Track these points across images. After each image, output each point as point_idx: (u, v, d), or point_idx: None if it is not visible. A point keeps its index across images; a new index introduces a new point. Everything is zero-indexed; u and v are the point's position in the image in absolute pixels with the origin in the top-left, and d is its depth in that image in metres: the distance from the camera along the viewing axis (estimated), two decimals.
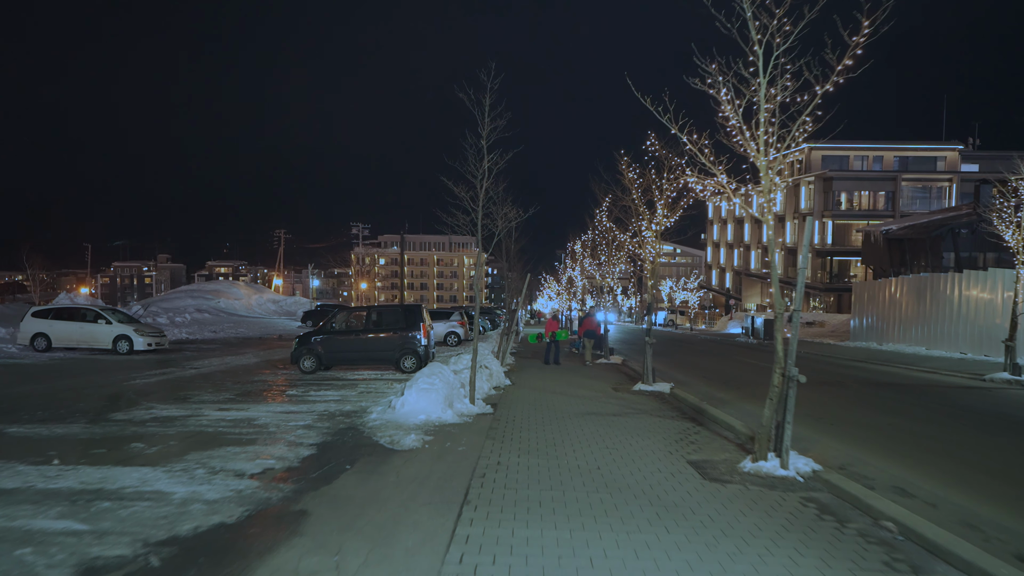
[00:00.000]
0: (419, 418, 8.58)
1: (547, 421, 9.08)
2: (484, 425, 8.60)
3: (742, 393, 13.10)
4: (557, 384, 13.65)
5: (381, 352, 15.26)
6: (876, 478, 6.53)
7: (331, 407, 9.97)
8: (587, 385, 13.67)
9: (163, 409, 9.69)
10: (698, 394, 12.58)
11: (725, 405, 11.30)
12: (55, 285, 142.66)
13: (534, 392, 12.23)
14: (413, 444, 7.24)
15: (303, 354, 15.21)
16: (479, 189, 9.60)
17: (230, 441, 7.36)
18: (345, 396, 11.28)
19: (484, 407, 9.96)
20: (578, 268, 30.29)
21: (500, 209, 10.20)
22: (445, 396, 9.02)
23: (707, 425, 9.24)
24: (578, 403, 10.94)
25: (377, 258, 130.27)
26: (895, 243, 43.32)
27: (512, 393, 12.01)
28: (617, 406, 10.74)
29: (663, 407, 10.86)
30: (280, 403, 10.41)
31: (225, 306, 53.98)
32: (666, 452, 7.31)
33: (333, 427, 8.31)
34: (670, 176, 12.87)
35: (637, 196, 13.19)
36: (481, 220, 9.69)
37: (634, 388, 13.06)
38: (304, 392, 11.81)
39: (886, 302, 29.29)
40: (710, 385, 14.49)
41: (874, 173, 57.97)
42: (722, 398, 12.37)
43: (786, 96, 6.39)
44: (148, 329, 21.17)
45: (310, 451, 6.90)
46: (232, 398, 10.97)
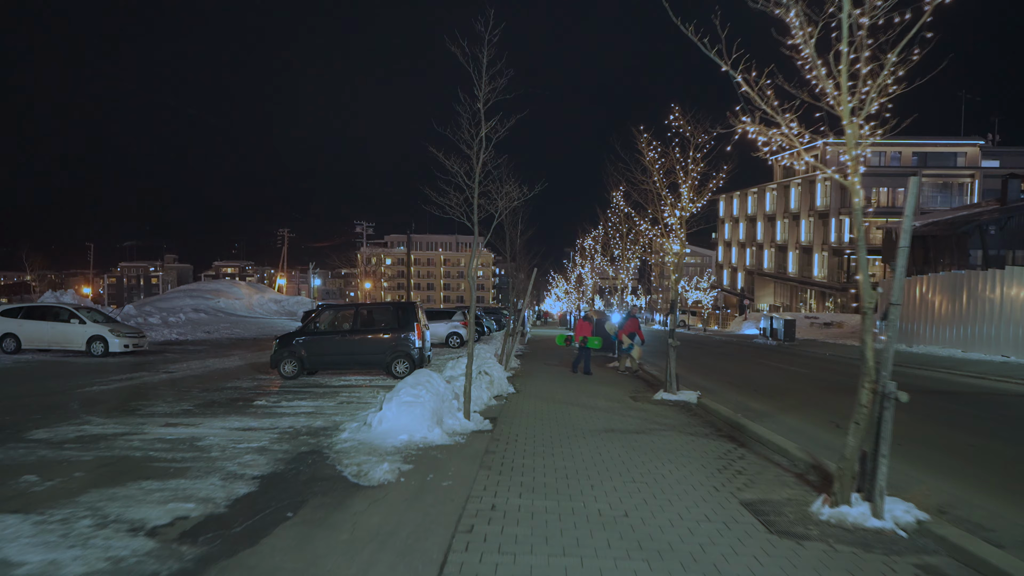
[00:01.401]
0: (399, 439, 6.99)
1: (556, 441, 7.47)
2: (479, 447, 7.00)
3: (779, 403, 11.45)
4: (567, 392, 12.04)
5: (370, 355, 13.68)
6: (997, 528, 4.89)
7: (299, 422, 8.39)
8: (601, 394, 12.04)
9: (99, 425, 8.13)
10: (728, 404, 10.95)
11: (764, 419, 9.66)
12: (64, 285, 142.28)
13: (541, 402, 10.62)
14: (385, 477, 5.64)
15: (283, 357, 13.65)
16: (475, 161, 8.00)
17: (153, 472, 5.78)
18: (320, 407, 9.70)
19: (481, 422, 8.35)
20: (588, 265, 28.66)
21: (501, 188, 8.60)
22: (433, 410, 7.43)
23: (750, 446, 7.61)
24: (592, 416, 9.33)
25: (383, 258, 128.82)
26: (918, 240, 41.46)
27: (516, 403, 10.41)
28: (639, 420, 9.11)
29: (692, 421, 9.23)
30: (241, 417, 8.83)
31: (225, 306, 52.60)
32: (710, 487, 5.69)
33: (292, 450, 6.72)
34: (696, 155, 11.25)
35: (658, 178, 11.56)
36: (477, 199, 8.09)
37: (655, 397, 11.43)
38: (276, 402, 10.23)
39: (915, 302, 27.51)
40: (739, 393, 12.85)
41: (893, 169, 56.09)
42: (757, 409, 10.73)
43: (876, 16, 4.77)
44: (125, 329, 19.67)
45: (249, 488, 5.31)
46: (189, 410, 9.41)
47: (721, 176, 11.23)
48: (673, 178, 11.60)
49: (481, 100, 7.82)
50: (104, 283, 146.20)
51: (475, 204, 8.08)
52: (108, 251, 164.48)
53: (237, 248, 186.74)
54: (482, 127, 7.90)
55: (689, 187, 11.27)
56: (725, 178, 11.22)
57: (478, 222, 8.17)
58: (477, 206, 8.12)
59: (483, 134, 7.91)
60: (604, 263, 19.10)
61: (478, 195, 8.10)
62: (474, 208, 8.09)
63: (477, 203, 8.08)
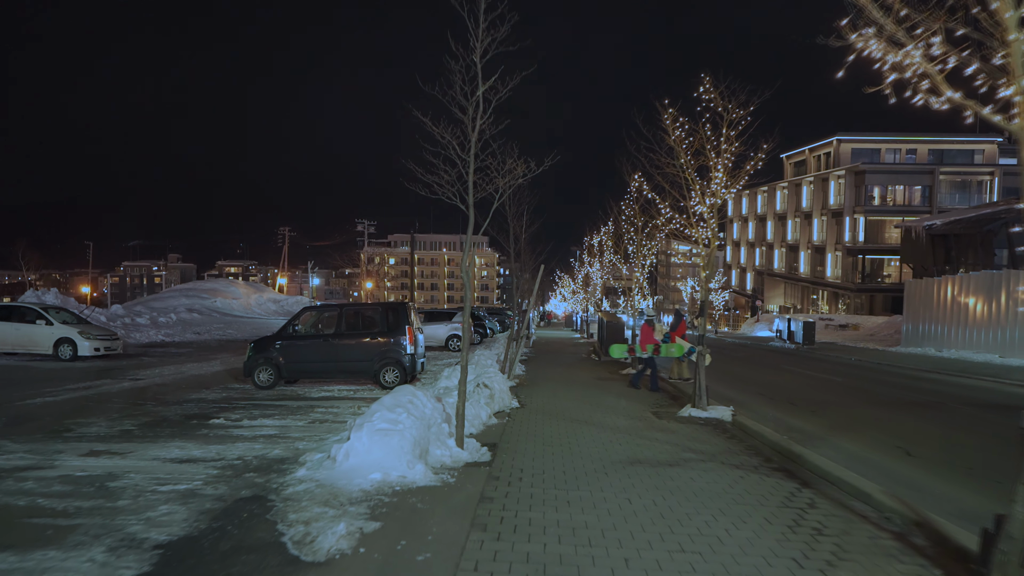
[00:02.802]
0: (370, 478, 5.42)
1: (571, 479, 5.89)
2: (472, 491, 5.42)
3: (824, 421, 9.84)
4: (579, 406, 10.45)
5: (356, 362, 12.11)
6: None
7: (253, 450, 6.82)
8: (618, 408, 10.45)
9: (6, 454, 6.59)
10: (766, 421, 9.36)
11: (815, 443, 8.07)
12: (67, 284, 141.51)
13: (549, 420, 9.04)
14: (338, 545, 4.07)
15: (258, 365, 12.09)
16: (470, 128, 6.42)
17: (22, 535, 4.22)
18: (286, 428, 8.13)
19: (478, 450, 6.78)
20: (597, 263, 27.05)
21: (503, 164, 7.00)
22: (415, 440, 5.85)
23: (816, 485, 6.01)
24: (612, 440, 7.74)
25: (387, 257, 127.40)
26: (939, 239, 39.73)
27: (520, 422, 8.83)
28: (669, 446, 7.52)
29: (733, 447, 7.63)
30: (187, 441, 7.27)
31: (221, 305, 51.18)
32: (788, 560, 4.10)
33: (228, 496, 5.16)
34: (730, 133, 9.66)
35: (685, 160, 9.96)
36: (473, 174, 6.51)
37: (682, 413, 9.84)
38: (237, 420, 8.67)
39: (945, 303, 25.84)
40: (773, 406, 11.24)
41: (909, 166, 54.27)
42: (802, 429, 9.13)
43: None
44: (96, 332, 18.15)
45: (139, 567, 3.75)
46: (128, 431, 7.85)
47: (760, 156, 9.63)
48: (703, 160, 10.01)
49: (478, 51, 6.25)
50: (107, 282, 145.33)
51: (470, 180, 6.51)
52: (113, 250, 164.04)
53: (242, 248, 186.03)
54: (479, 85, 6.33)
55: (723, 169, 9.68)
56: (764, 158, 9.63)
57: (473, 204, 6.59)
58: (472, 183, 6.54)
59: (480, 93, 6.34)
60: (617, 260, 17.46)
61: (474, 170, 6.52)
62: (469, 185, 6.51)
63: (472, 179, 6.50)
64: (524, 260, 16.21)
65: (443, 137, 6.59)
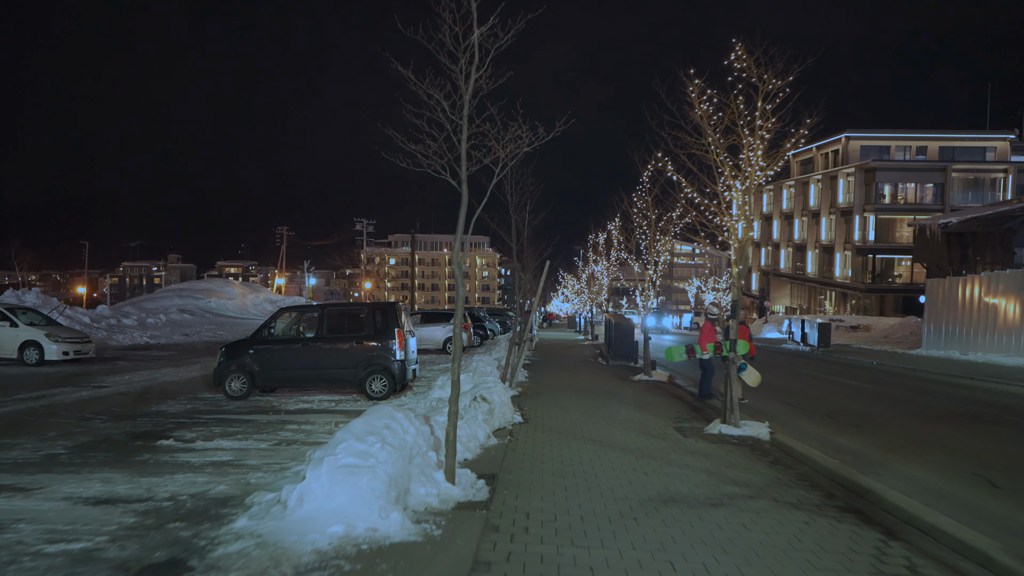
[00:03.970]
0: (329, 532, 4.11)
1: (591, 529, 4.57)
2: (462, 553, 4.10)
3: (877, 440, 8.52)
4: (591, 420, 9.12)
5: (339, 370, 10.79)
6: None
7: (193, 485, 5.50)
8: (636, 423, 9.12)
9: None
10: (808, 439, 8.05)
11: (877, 469, 6.77)
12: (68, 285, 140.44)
13: (559, 440, 7.72)
14: None
15: (230, 372, 10.78)
16: (463, 83, 5.11)
17: None
18: (244, 453, 6.81)
19: (473, 485, 5.46)
20: (602, 262, 25.73)
21: (503, 133, 5.65)
22: (392, 478, 4.54)
23: (901, 533, 4.69)
24: (635, 467, 6.42)
25: (387, 258, 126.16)
26: (955, 238, 38.38)
27: (524, 442, 7.50)
28: (705, 475, 6.19)
29: (780, 475, 6.31)
30: (116, 472, 5.96)
31: (216, 306, 49.96)
32: None
33: (134, 562, 3.85)
34: (766, 107, 8.35)
35: (713, 139, 8.63)
36: (466, 141, 5.19)
37: (710, 429, 8.51)
38: (190, 441, 7.35)
39: (969, 304, 24.51)
40: (810, 420, 9.93)
41: (921, 163, 52.85)
42: (854, 449, 7.82)
43: None
44: (66, 334, 16.86)
45: None
46: (52, 457, 6.55)
47: (802, 132, 8.31)
48: (733, 139, 8.69)
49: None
50: (106, 283, 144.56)
51: (463, 148, 5.18)
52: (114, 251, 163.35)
53: (243, 249, 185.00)
54: (474, 29, 5.01)
55: (758, 149, 8.36)
56: (807, 135, 8.30)
57: (467, 179, 5.27)
58: (465, 152, 5.22)
59: (476, 38, 5.02)
60: (629, 257, 16.12)
61: (468, 136, 5.20)
62: (461, 154, 5.19)
63: (466, 147, 5.18)
64: (527, 258, 14.89)
65: (429, 95, 5.27)
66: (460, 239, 5.23)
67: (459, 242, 5.23)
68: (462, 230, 5.25)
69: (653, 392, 12.69)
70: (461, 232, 5.24)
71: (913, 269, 50.98)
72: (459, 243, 5.23)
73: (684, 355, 9.13)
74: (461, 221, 5.25)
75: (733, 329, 8.58)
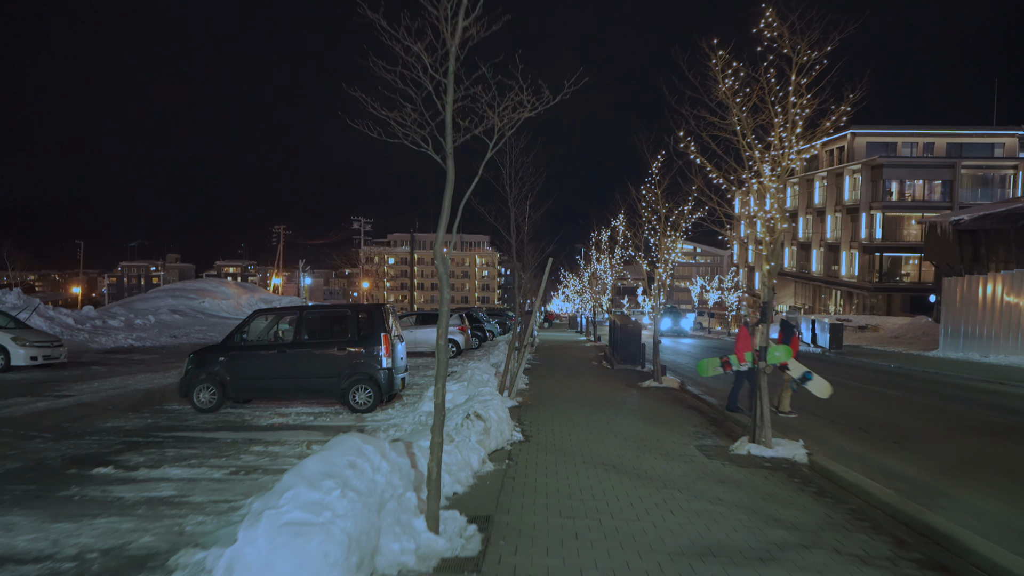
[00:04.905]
0: None
1: None
2: None
3: (926, 459, 7.46)
4: (600, 437, 8.05)
5: (319, 378, 9.71)
6: None
7: (113, 535, 4.44)
8: (651, 440, 8.05)
9: None
10: (849, 459, 7.00)
11: (939, 500, 5.73)
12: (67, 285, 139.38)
13: (564, 464, 6.65)
14: None
15: (198, 382, 9.71)
16: (447, 32, 4.04)
17: None
18: (192, 485, 5.73)
19: (461, 533, 4.39)
20: (606, 260, 24.66)
21: (500, 100, 4.57)
22: (353, 537, 3.48)
23: None
24: (658, 503, 5.35)
25: (386, 257, 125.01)
26: (966, 235, 37.42)
27: (525, 468, 6.44)
28: (743, 513, 5.13)
29: (833, 513, 5.25)
30: (30, 511, 4.90)
31: (209, 306, 48.79)
32: None
33: None
34: (800, 80, 7.28)
35: (739, 117, 7.56)
36: (452, 105, 4.12)
37: (737, 450, 7.44)
38: (132, 468, 6.28)
39: (990, 304, 23.45)
40: (842, 434, 8.87)
41: (929, 160, 51.76)
42: (904, 473, 6.77)
43: None
44: (35, 338, 15.79)
45: None
46: None
47: (844, 109, 7.23)
48: (762, 118, 7.62)
49: None
50: (104, 283, 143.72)
51: (448, 113, 4.12)
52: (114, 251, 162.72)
53: (242, 248, 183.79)
54: None
55: (793, 129, 7.30)
56: (850, 111, 7.23)
57: (452, 152, 4.20)
58: (452, 119, 4.15)
59: None
60: (636, 254, 15.05)
61: (454, 96, 4.14)
62: (447, 119, 4.12)
63: (452, 113, 4.11)
64: (528, 255, 13.81)
65: (407, 49, 4.20)
66: (444, 226, 4.17)
67: (443, 230, 4.16)
68: (447, 216, 4.18)
69: (665, 401, 11.63)
70: (446, 218, 4.18)
71: (921, 268, 49.95)
72: (443, 231, 4.16)
73: (720, 369, 7.94)
74: (446, 205, 4.18)
75: (763, 335, 7.51)
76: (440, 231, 4.21)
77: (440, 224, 4.20)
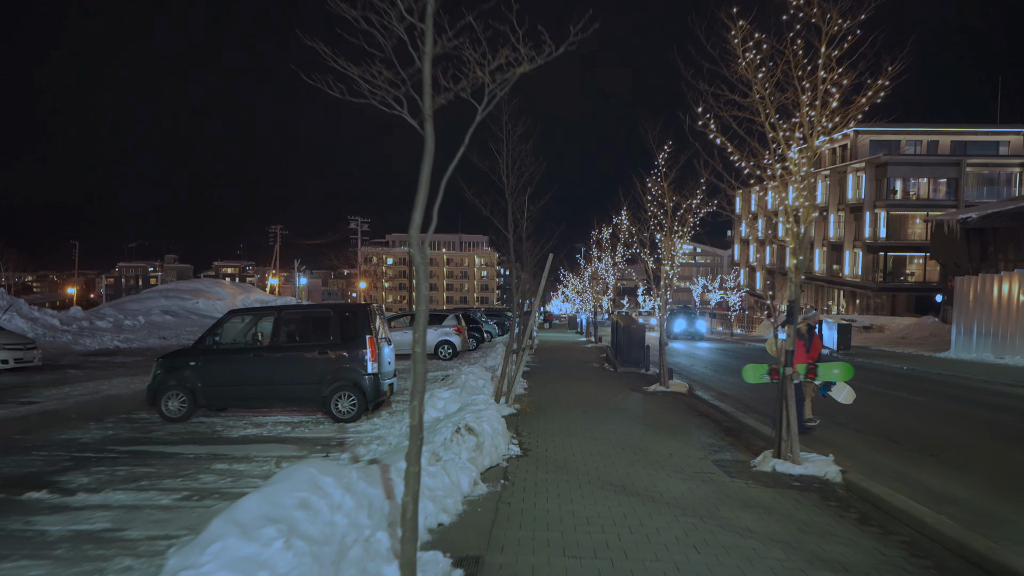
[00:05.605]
0: None
1: None
2: None
3: (971, 476, 6.65)
4: (608, 451, 7.24)
5: (299, 385, 8.89)
6: None
7: None
8: (663, 453, 7.24)
9: None
10: (885, 476, 6.18)
11: (1002, 526, 4.93)
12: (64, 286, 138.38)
13: (566, 483, 5.85)
14: None
15: (167, 389, 8.89)
16: None
17: None
18: (133, 515, 4.92)
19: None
20: (608, 258, 23.85)
21: (493, 57, 3.77)
22: None
23: None
24: (679, 535, 4.55)
25: (384, 257, 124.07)
26: (974, 234, 36.71)
27: (522, 491, 5.63)
28: (780, 550, 4.32)
29: (882, 545, 4.46)
30: None
31: (203, 307, 47.94)
32: None
33: None
34: (831, 53, 6.48)
35: (762, 94, 6.76)
36: (432, 49, 3.31)
37: (759, 464, 6.64)
38: (71, 493, 5.46)
39: (1006, 304, 22.65)
40: (871, 445, 8.06)
41: (935, 158, 50.96)
42: (950, 493, 5.96)
43: None
44: (7, 340, 14.99)
45: None
46: None
47: (881, 83, 6.43)
48: (789, 95, 6.82)
49: None
50: (102, 283, 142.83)
51: (426, 67, 3.31)
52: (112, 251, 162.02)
53: (241, 249, 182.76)
54: None
55: (819, 106, 6.50)
56: (888, 86, 6.43)
57: (431, 115, 3.39)
58: (430, 75, 3.34)
59: None
60: (640, 250, 14.23)
61: (433, 48, 3.33)
62: (424, 76, 3.31)
63: (431, 60, 3.30)
64: (526, 252, 13.00)
65: None
66: (421, 207, 3.36)
67: (419, 212, 3.36)
68: (425, 194, 3.37)
69: (674, 408, 10.81)
70: (423, 197, 3.37)
71: (926, 267, 49.18)
72: (419, 213, 3.36)
73: (767, 377, 7.03)
74: (424, 180, 3.37)
75: (791, 337, 6.71)
76: (416, 213, 3.40)
77: (416, 204, 3.39)
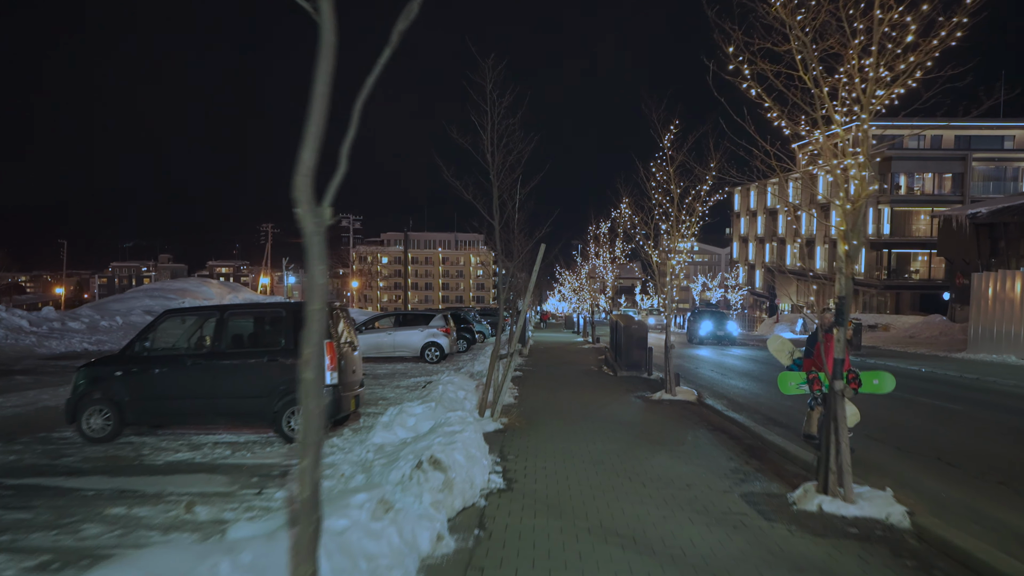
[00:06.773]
0: None
1: None
2: None
3: None
4: (608, 481, 5.90)
5: (244, 399, 7.51)
6: None
7: None
8: (678, 484, 5.89)
9: None
10: (954, 513, 4.86)
11: None
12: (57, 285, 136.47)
13: (560, 533, 4.50)
14: None
15: (90, 403, 7.50)
16: None
17: None
18: None
19: None
20: (604, 255, 22.53)
21: None
22: None
23: None
24: None
25: (379, 256, 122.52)
26: (984, 229, 35.55)
27: (500, 546, 4.28)
28: None
29: None
30: None
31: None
32: None
33: None
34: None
35: (803, 40, 5.42)
36: None
37: (801, 503, 5.30)
38: None
39: (1016, 302, 21.45)
40: (916, 466, 6.76)
41: (940, 152, 49.72)
42: None
43: None
44: None
45: None
46: None
47: (957, 21, 5.08)
48: (831, 43, 5.48)
49: None
50: (95, 283, 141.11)
51: None
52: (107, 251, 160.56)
53: (237, 248, 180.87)
54: None
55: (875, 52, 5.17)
56: (966, 23, 5.08)
57: None
58: None
59: None
60: (644, 243, 12.89)
61: None
62: None
63: None
64: (516, 243, 11.66)
65: None
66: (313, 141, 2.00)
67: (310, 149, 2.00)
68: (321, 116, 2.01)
69: (683, 420, 9.47)
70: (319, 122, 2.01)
71: (931, 264, 48.00)
72: (310, 151, 2.00)
73: (804, 387, 5.82)
74: (319, 94, 2.01)
75: (840, 344, 5.37)
76: (306, 151, 2.05)
77: (307, 134, 2.03)
